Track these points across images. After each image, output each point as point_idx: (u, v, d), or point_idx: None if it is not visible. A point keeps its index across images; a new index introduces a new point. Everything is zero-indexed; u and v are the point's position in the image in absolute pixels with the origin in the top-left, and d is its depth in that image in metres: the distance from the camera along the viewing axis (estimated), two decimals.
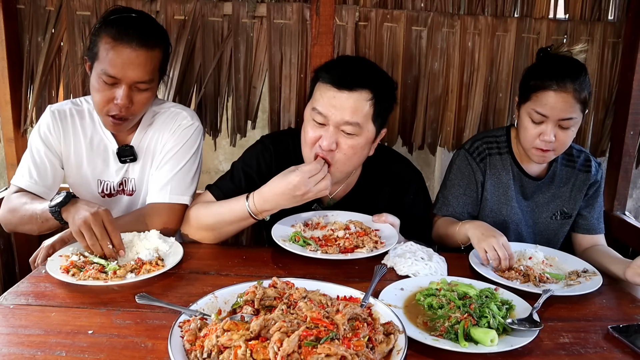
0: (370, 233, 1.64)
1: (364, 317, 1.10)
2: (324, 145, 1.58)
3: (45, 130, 1.81)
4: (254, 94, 2.35)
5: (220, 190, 1.75)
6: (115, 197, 1.89)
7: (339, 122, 1.57)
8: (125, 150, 1.82)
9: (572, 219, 1.97)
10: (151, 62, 1.65)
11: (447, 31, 2.31)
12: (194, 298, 1.21)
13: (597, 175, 1.96)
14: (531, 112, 1.74)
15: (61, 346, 1.08)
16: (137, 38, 1.60)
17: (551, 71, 1.72)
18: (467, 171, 1.92)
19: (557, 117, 1.70)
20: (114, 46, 1.60)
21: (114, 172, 1.86)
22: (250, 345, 0.96)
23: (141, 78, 1.64)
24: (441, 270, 1.52)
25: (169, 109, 1.87)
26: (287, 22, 2.26)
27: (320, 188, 1.53)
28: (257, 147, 1.82)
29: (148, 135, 1.85)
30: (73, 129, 1.83)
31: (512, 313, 1.27)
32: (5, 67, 2.18)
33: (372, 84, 1.59)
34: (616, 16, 2.36)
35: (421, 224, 1.87)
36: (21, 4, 2.21)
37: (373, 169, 1.80)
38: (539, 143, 1.75)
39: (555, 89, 1.68)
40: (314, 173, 1.51)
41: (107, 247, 1.45)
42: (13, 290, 1.33)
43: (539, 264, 1.62)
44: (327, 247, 1.55)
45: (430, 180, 3.99)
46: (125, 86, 1.63)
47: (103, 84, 1.63)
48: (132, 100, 1.66)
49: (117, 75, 1.61)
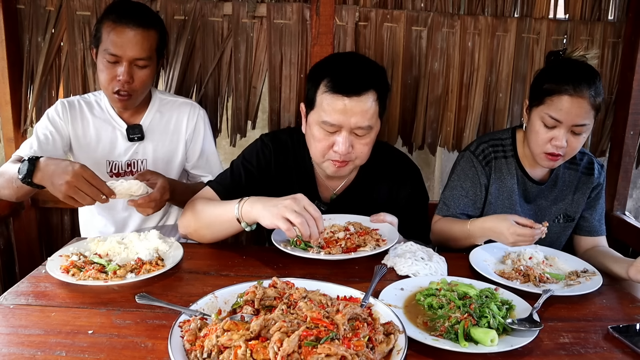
0: (371, 232, 1.64)
1: (364, 317, 1.10)
2: (341, 151, 1.61)
3: (54, 114, 1.95)
4: (254, 94, 2.35)
5: (220, 185, 1.75)
6: (123, 177, 1.96)
7: (352, 128, 1.60)
8: (134, 128, 1.97)
9: (575, 222, 1.95)
10: (147, 40, 1.82)
11: (447, 31, 2.32)
12: (194, 298, 1.21)
13: (600, 178, 1.94)
14: (544, 117, 1.70)
15: (61, 346, 1.08)
16: (134, 19, 1.79)
17: (567, 75, 1.68)
18: (471, 173, 1.89)
19: (572, 122, 1.66)
20: (114, 27, 1.77)
21: (122, 152, 1.98)
22: (250, 345, 0.96)
23: (139, 55, 1.80)
24: (441, 270, 1.52)
25: (175, 99, 2.07)
26: (287, 22, 2.26)
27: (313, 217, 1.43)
28: (257, 144, 1.83)
29: (157, 117, 2.01)
30: (81, 115, 1.97)
31: (512, 313, 1.27)
32: (5, 67, 2.19)
33: (375, 83, 1.62)
34: (616, 16, 2.36)
35: (418, 220, 1.86)
36: (21, 4, 2.22)
37: (372, 164, 1.79)
38: (549, 148, 1.71)
39: (572, 93, 1.64)
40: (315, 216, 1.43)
41: (101, 199, 1.50)
42: (13, 290, 1.32)
43: (539, 264, 1.62)
44: (329, 248, 1.54)
45: (430, 180, 3.99)
46: (126, 63, 1.80)
47: (107, 63, 1.80)
48: (132, 77, 1.83)
49: (118, 52, 1.78)
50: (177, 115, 2.03)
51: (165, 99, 2.05)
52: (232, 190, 1.70)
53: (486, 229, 1.67)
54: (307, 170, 1.83)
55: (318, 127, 1.64)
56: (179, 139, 2.04)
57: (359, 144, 1.64)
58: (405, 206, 1.82)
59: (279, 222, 1.37)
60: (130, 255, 1.50)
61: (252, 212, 1.47)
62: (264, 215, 1.42)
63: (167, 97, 2.07)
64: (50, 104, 2.28)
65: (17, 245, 2.34)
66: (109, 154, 1.98)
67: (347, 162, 1.66)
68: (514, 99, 2.41)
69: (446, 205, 1.92)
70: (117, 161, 1.98)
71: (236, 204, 1.51)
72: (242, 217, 1.50)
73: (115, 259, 1.47)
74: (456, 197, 1.90)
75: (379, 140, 1.79)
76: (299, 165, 1.82)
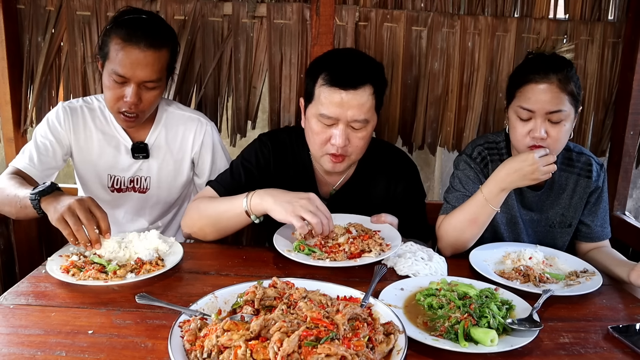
0: (374, 236, 1.62)
1: (364, 317, 1.10)
2: (338, 144, 1.64)
3: (55, 121, 1.86)
4: (254, 94, 2.35)
5: (221, 185, 1.77)
6: (124, 192, 1.92)
7: (349, 121, 1.64)
8: (139, 147, 1.89)
9: (573, 227, 1.87)
10: (159, 62, 1.71)
11: (447, 31, 2.31)
12: (194, 298, 1.21)
13: (599, 181, 1.84)
14: (517, 110, 1.66)
15: (61, 346, 1.08)
16: (145, 39, 1.66)
17: (533, 65, 1.67)
18: (472, 174, 1.83)
19: (544, 110, 1.61)
20: (123, 47, 1.66)
21: (125, 168, 1.91)
22: (250, 345, 0.96)
23: (149, 77, 1.70)
24: (441, 270, 1.52)
25: (182, 113, 1.96)
26: (287, 22, 2.26)
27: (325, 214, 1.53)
28: (255, 144, 1.86)
29: (162, 134, 1.92)
30: (84, 123, 1.88)
31: (512, 313, 1.27)
32: (5, 67, 2.18)
33: (372, 77, 1.66)
34: (616, 16, 2.36)
35: (416, 215, 1.87)
36: (21, 4, 2.21)
37: (370, 159, 1.84)
38: (529, 141, 1.65)
39: (538, 80, 1.62)
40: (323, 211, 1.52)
41: (93, 232, 1.42)
42: (13, 290, 1.32)
43: (539, 264, 1.61)
44: (333, 253, 1.52)
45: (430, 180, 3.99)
46: (134, 85, 1.70)
47: (113, 82, 1.70)
48: (140, 98, 1.73)
49: (126, 75, 1.68)
50: (183, 132, 1.95)
51: (172, 112, 1.95)
52: (232, 190, 1.71)
53: (505, 177, 1.61)
54: (306, 167, 1.85)
55: (316, 120, 1.67)
56: (184, 157, 1.96)
57: (356, 138, 1.67)
58: (402, 201, 1.85)
59: (293, 220, 1.45)
60: (131, 255, 1.50)
61: (262, 205, 1.53)
62: (277, 210, 1.49)
63: (174, 109, 1.96)
64: (50, 104, 2.30)
65: (17, 245, 2.34)
66: (112, 168, 1.91)
67: (343, 157, 1.69)
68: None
69: (451, 205, 1.84)
70: (120, 176, 1.92)
71: (244, 197, 1.57)
72: (251, 210, 1.56)
73: (115, 259, 1.46)
74: (459, 198, 1.82)
75: (376, 138, 1.82)
76: (298, 163, 1.85)
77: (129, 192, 1.93)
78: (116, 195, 1.92)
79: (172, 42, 1.78)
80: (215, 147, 1.99)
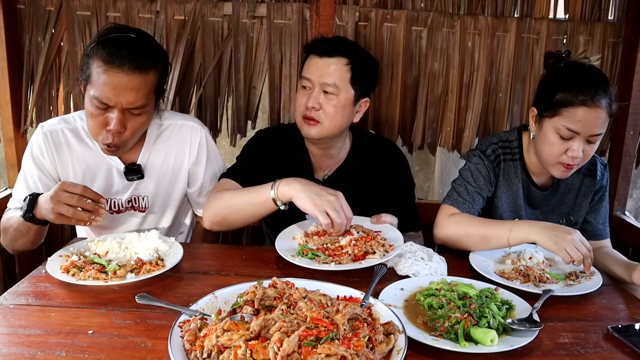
0: (377, 237, 1.62)
1: (364, 317, 1.10)
2: (308, 104, 1.78)
3: (38, 153, 1.74)
4: (254, 94, 2.35)
5: (238, 174, 1.83)
6: (124, 213, 1.86)
7: (322, 84, 1.77)
8: (132, 169, 1.77)
9: (578, 226, 1.89)
10: (145, 86, 1.56)
11: (447, 31, 2.32)
12: (194, 298, 1.21)
13: (603, 180, 1.86)
14: (560, 128, 1.62)
15: (61, 346, 1.08)
16: (130, 61, 1.50)
17: (582, 84, 1.59)
18: (485, 171, 1.80)
19: (589, 133, 1.60)
20: (105, 70, 1.51)
21: (120, 190, 1.82)
22: (250, 345, 0.96)
23: (133, 104, 1.55)
24: (441, 270, 1.52)
25: (174, 122, 1.85)
26: (287, 22, 2.26)
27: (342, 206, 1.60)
28: (254, 139, 1.97)
29: (155, 151, 1.82)
30: (69, 150, 1.76)
31: (512, 313, 1.27)
32: (5, 67, 2.18)
33: (349, 52, 1.79)
34: (616, 16, 2.36)
35: (405, 202, 1.95)
36: (21, 4, 2.21)
37: (360, 146, 1.97)
38: (565, 159, 1.63)
39: (590, 104, 1.56)
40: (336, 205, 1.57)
41: (86, 204, 1.44)
42: (13, 290, 1.32)
43: (539, 264, 1.61)
44: (337, 256, 1.51)
45: (430, 180, 3.99)
46: (118, 112, 1.55)
47: (95, 108, 1.56)
48: (125, 125, 1.59)
49: (109, 102, 1.53)
50: (177, 144, 1.84)
51: (162, 124, 1.82)
52: (249, 178, 1.79)
53: (541, 227, 1.56)
54: (303, 154, 1.96)
55: (299, 85, 1.85)
56: (180, 169, 1.87)
57: (328, 104, 1.77)
58: (392, 188, 1.94)
59: (319, 214, 1.53)
60: (131, 255, 1.50)
61: (289, 192, 1.59)
62: (304, 199, 1.55)
63: (164, 121, 1.83)
64: (50, 104, 2.31)
65: None
66: (106, 192, 1.78)
67: (316, 121, 1.79)
68: (514, 99, 2.41)
69: (462, 198, 1.79)
70: (116, 199, 1.82)
71: (269, 186, 1.63)
72: (278, 197, 1.61)
73: (115, 259, 1.47)
74: (471, 193, 1.79)
75: (367, 131, 1.91)
76: (295, 150, 1.95)
77: (129, 212, 1.87)
78: (116, 217, 1.86)
79: (161, 62, 1.62)
80: (210, 156, 1.90)
